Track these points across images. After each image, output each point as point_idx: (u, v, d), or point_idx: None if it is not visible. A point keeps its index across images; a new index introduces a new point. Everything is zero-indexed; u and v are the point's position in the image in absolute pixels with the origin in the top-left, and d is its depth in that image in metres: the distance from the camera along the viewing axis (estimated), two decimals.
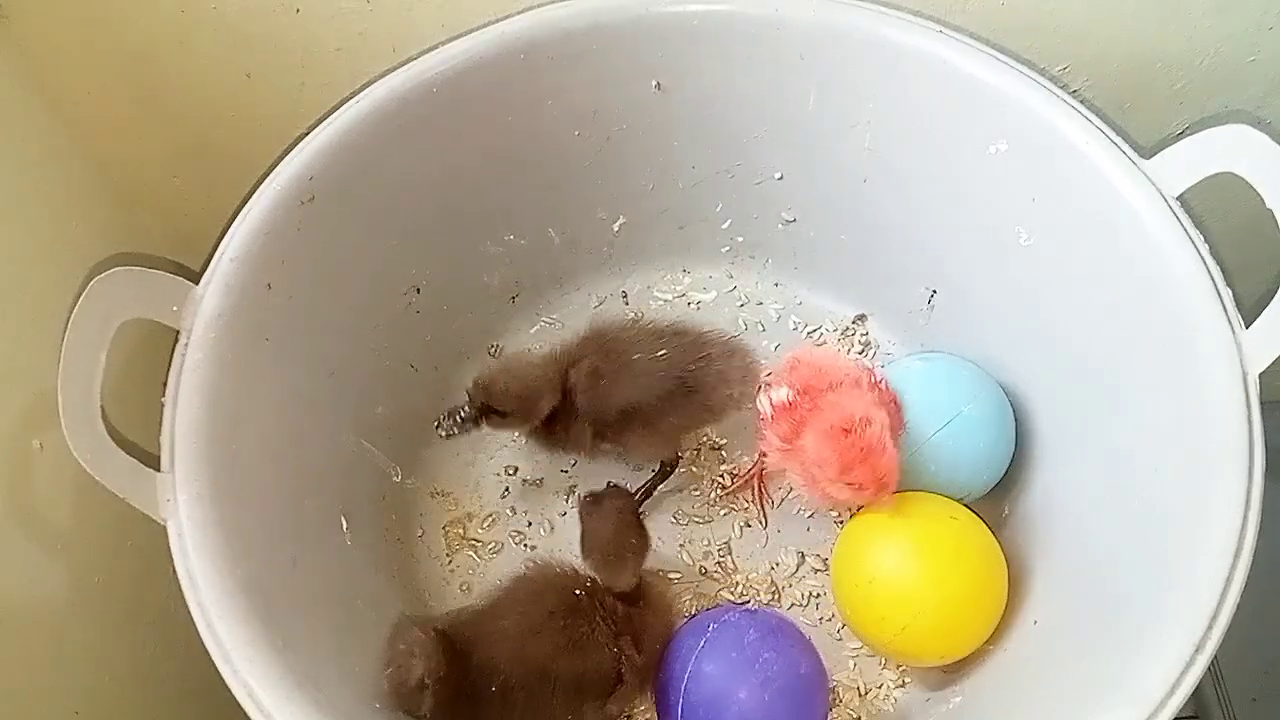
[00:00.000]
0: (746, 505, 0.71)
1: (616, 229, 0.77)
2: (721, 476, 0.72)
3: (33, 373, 0.57)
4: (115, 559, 0.66)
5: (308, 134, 0.61)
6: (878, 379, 0.64)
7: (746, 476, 0.71)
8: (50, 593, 0.60)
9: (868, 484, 0.58)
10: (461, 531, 0.71)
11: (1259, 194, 0.52)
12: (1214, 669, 0.81)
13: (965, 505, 0.65)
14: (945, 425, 0.64)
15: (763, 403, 0.65)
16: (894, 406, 0.63)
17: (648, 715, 0.64)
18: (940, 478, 0.64)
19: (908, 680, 0.65)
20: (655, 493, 0.71)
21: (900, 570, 0.60)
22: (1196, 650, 0.46)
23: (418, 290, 0.71)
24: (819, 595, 0.68)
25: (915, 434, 0.63)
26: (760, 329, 0.78)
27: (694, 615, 0.65)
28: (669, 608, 0.64)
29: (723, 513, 0.71)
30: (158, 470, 0.52)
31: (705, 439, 0.74)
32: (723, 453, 0.73)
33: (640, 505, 0.69)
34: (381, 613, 0.63)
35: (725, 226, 0.78)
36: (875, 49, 0.64)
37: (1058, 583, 0.60)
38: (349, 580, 0.62)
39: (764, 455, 0.69)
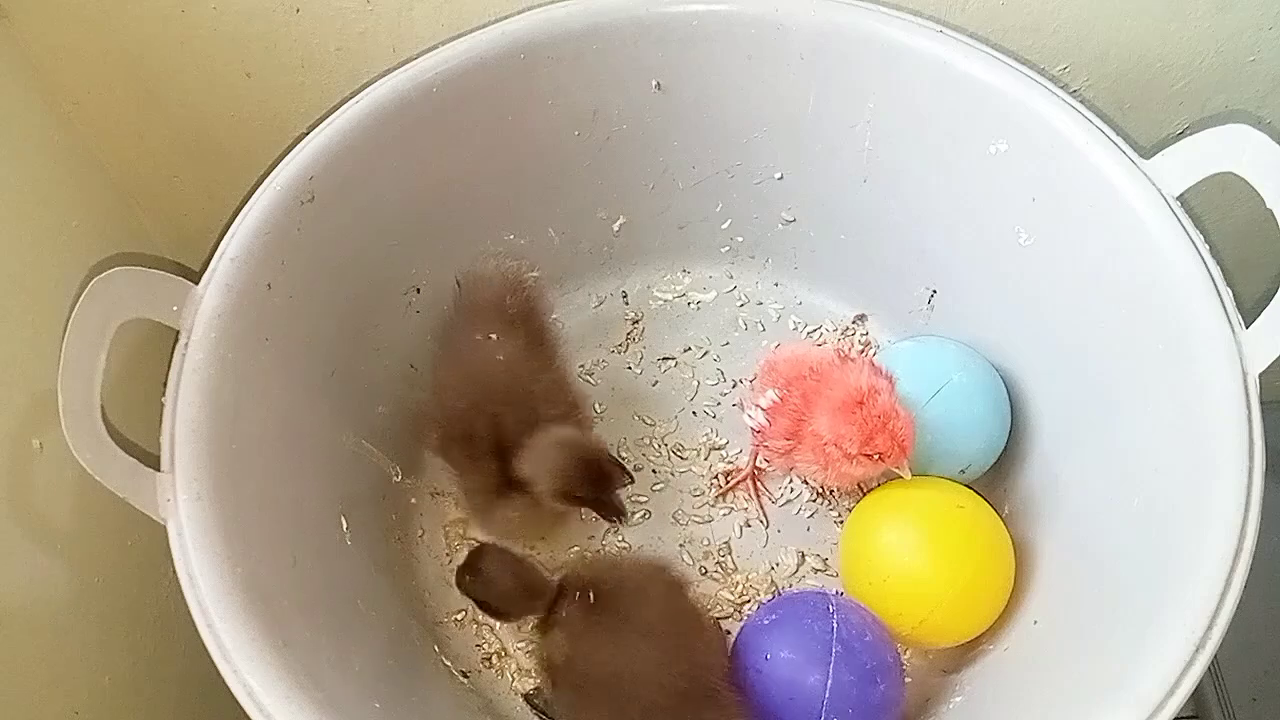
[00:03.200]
0: (745, 505, 0.71)
1: (616, 229, 0.77)
2: (717, 479, 0.72)
3: (33, 373, 0.57)
4: (115, 559, 0.66)
5: (308, 134, 0.61)
6: (855, 355, 0.64)
7: (742, 476, 0.71)
8: (50, 593, 0.60)
9: (889, 450, 0.59)
10: (461, 531, 0.71)
11: (1259, 194, 0.52)
12: (1214, 669, 0.81)
13: (968, 485, 0.65)
14: (937, 392, 0.64)
15: (754, 415, 0.65)
16: (883, 373, 0.62)
17: None
18: (938, 448, 0.64)
19: (908, 680, 0.65)
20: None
21: (913, 567, 0.61)
22: (1196, 650, 0.46)
23: (418, 290, 0.71)
24: None
25: (908, 405, 0.63)
26: (760, 329, 0.79)
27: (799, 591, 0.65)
28: None
29: (723, 513, 0.71)
30: (158, 470, 0.52)
31: (706, 438, 0.74)
32: (723, 452, 0.73)
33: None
34: (381, 613, 0.63)
35: (725, 226, 0.78)
36: (875, 49, 0.64)
37: (1058, 582, 0.60)
38: (349, 580, 0.62)
39: (757, 454, 0.69)
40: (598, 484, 0.61)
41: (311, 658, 0.51)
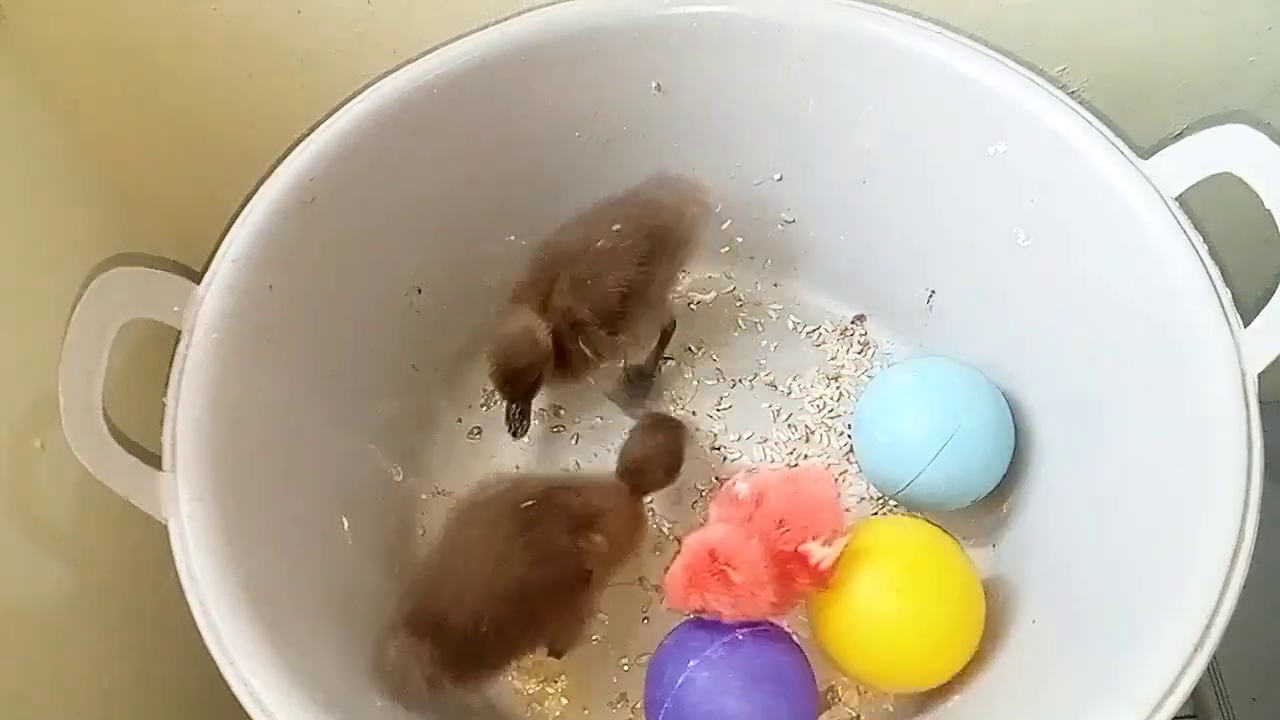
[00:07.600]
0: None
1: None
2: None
3: (34, 373, 0.57)
4: (115, 559, 0.66)
5: (309, 134, 0.61)
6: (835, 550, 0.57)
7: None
8: (50, 593, 0.60)
9: (712, 605, 0.57)
10: None
11: (1259, 194, 0.52)
12: (1213, 669, 0.81)
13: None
14: (946, 444, 0.63)
15: (740, 486, 0.60)
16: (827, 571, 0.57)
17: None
18: (951, 492, 0.65)
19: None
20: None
21: (874, 650, 0.59)
22: (1196, 650, 0.46)
23: (419, 291, 0.71)
24: None
25: (918, 457, 0.64)
26: (760, 329, 0.79)
27: (694, 620, 0.64)
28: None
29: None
30: (159, 470, 0.52)
31: (705, 439, 0.74)
32: (722, 452, 0.73)
33: (657, 370, 0.75)
34: (381, 612, 0.63)
35: (725, 227, 0.78)
36: (875, 50, 0.64)
37: (1057, 582, 0.60)
38: (349, 580, 0.62)
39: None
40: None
41: (312, 657, 0.51)
